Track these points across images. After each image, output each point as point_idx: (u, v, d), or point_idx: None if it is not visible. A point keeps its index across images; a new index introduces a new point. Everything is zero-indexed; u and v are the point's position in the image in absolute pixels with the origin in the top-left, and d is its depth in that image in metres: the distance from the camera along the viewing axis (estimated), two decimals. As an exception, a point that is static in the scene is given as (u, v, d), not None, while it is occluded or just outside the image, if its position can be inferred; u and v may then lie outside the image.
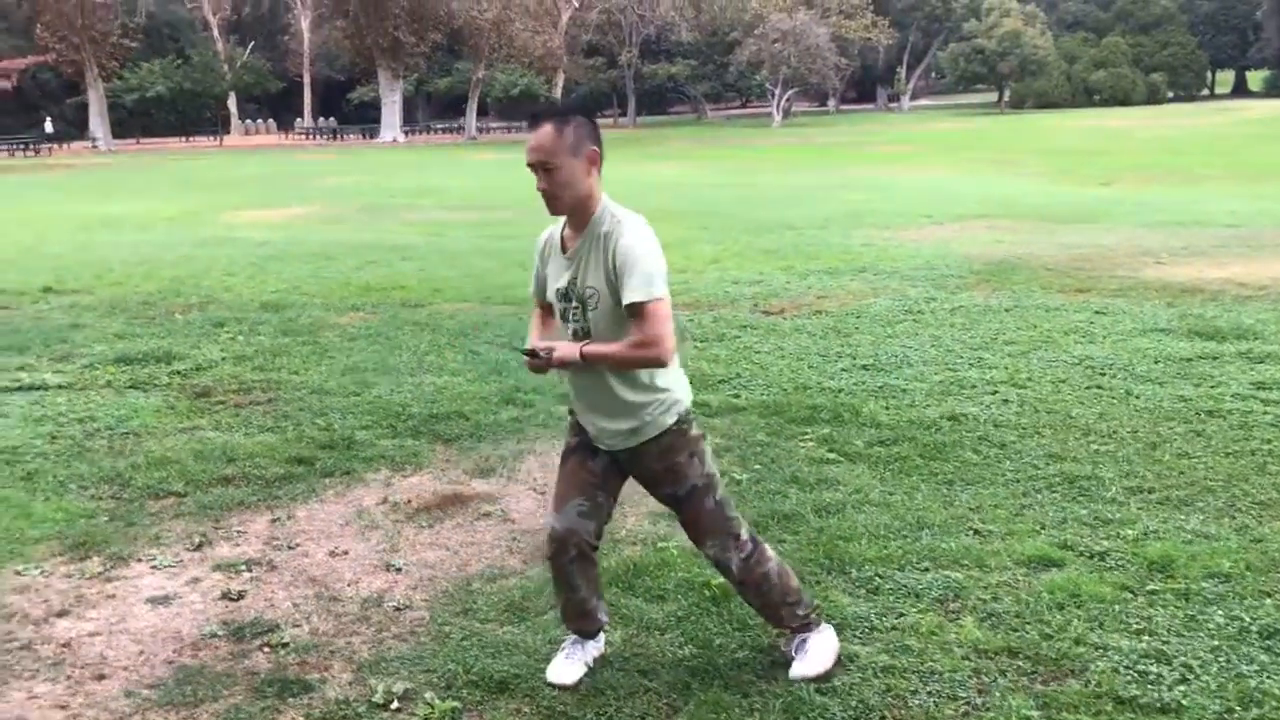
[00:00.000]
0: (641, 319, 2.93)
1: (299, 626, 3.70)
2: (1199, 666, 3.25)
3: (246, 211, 19.13)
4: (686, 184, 24.05)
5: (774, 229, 14.92)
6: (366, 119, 60.73)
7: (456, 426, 5.92)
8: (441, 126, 62.61)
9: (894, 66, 77.87)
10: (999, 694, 3.15)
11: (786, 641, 3.36)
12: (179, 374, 7.11)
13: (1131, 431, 5.58)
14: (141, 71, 54.00)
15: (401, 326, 8.59)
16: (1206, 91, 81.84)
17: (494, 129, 61.78)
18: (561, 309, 3.14)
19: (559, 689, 3.24)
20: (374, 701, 3.20)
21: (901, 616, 3.65)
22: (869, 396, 6.32)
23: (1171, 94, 73.87)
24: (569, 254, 3.09)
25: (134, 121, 54.92)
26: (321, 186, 25.06)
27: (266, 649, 3.55)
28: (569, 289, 3.08)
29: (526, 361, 3.11)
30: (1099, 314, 8.63)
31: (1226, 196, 20.10)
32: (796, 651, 3.30)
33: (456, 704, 3.17)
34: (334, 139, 56.04)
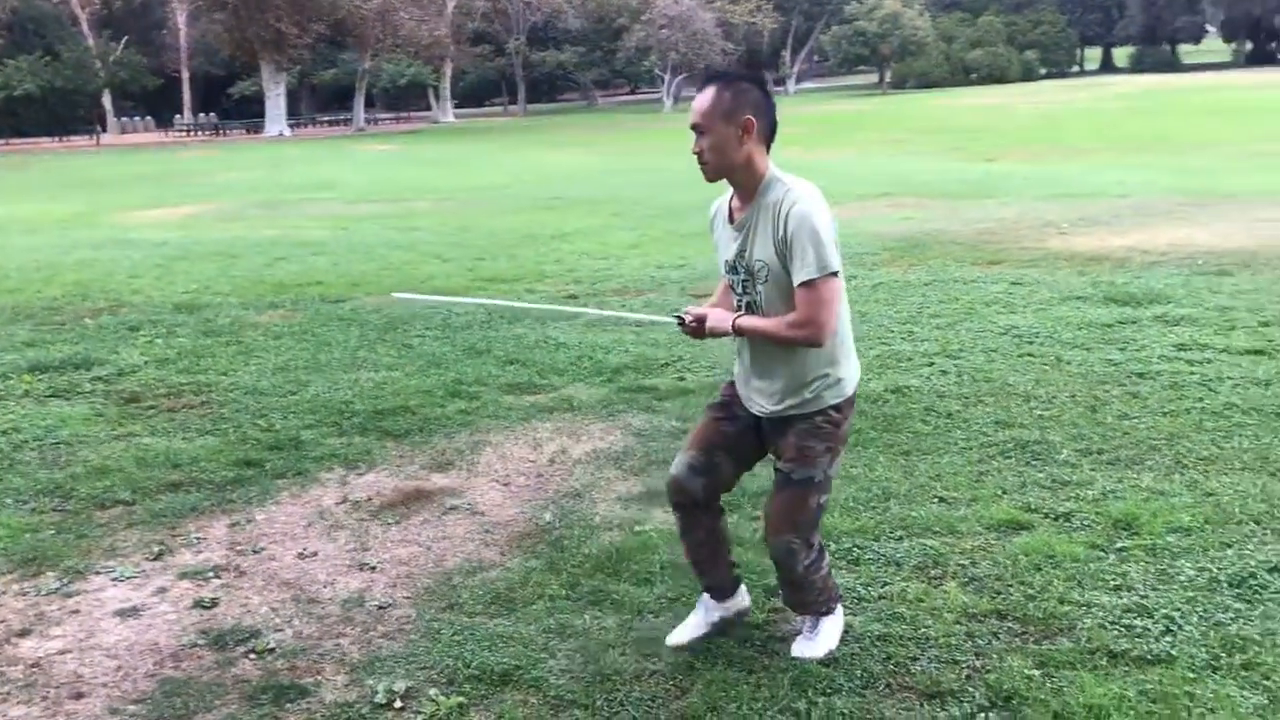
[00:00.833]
0: (805, 296, 2.87)
1: (281, 631, 3.61)
2: (1180, 618, 3.37)
3: (139, 211, 18.48)
4: (589, 171, 23.98)
5: (688, 213, 14.93)
6: (249, 114, 59.19)
7: (404, 421, 5.82)
8: (328, 119, 61.28)
9: (778, 50, 78.72)
10: (996, 655, 3.23)
11: (799, 618, 3.38)
12: (101, 380, 6.85)
13: (1070, 396, 5.75)
14: (7, 69, 51.69)
15: (327, 322, 8.41)
16: (1077, 68, 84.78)
17: (383, 120, 60.78)
18: (731, 281, 3.10)
19: (673, 649, 3.30)
20: (376, 702, 3.13)
21: (886, 585, 3.71)
22: (812, 373, 6.39)
23: (1044, 71, 76.26)
24: (736, 224, 3.04)
25: (1, 122, 52.59)
26: (213, 183, 24.35)
27: (252, 656, 3.45)
28: (737, 261, 3.04)
29: (680, 327, 3.08)
30: (1015, 284, 8.87)
31: (1109, 168, 20.81)
32: (808, 629, 3.31)
33: (461, 699, 3.13)
34: (217, 135, 54.42)
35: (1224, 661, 3.13)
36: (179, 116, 59.78)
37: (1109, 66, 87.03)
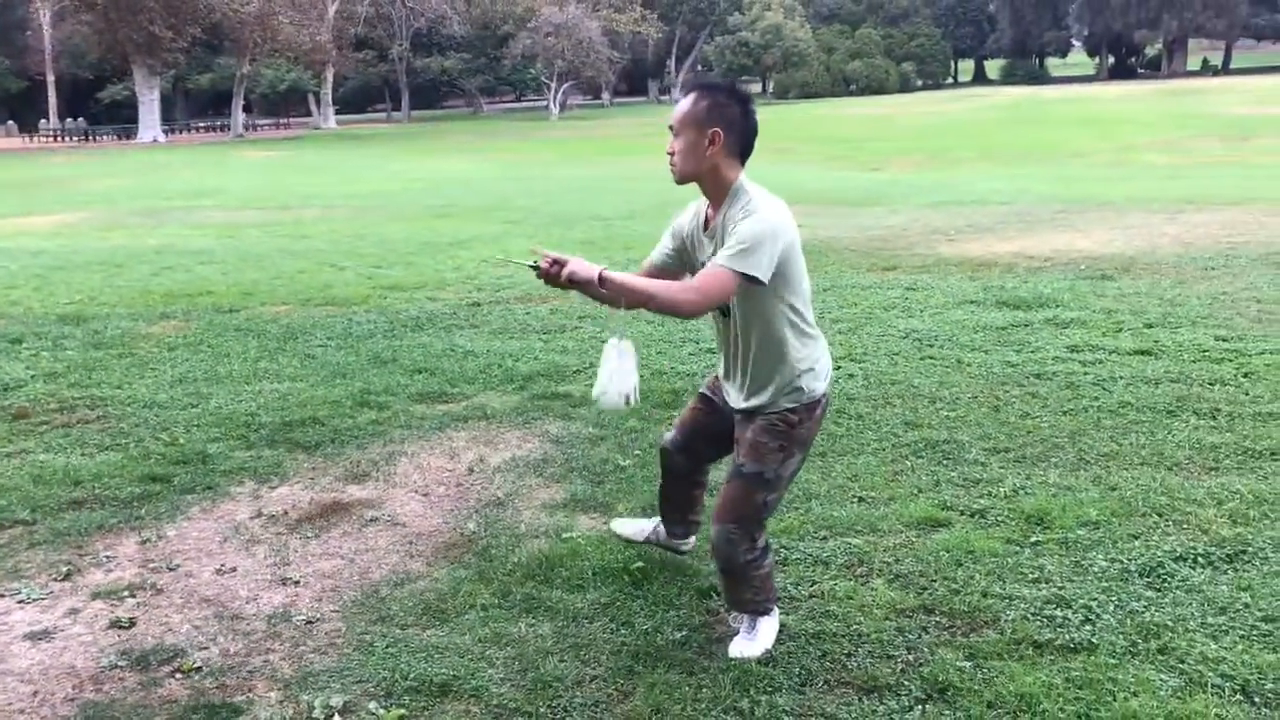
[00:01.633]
0: (707, 271, 2.96)
1: (206, 649, 3.50)
2: (1097, 607, 3.51)
3: (9, 220, 17.70)
4: (479, 178, 23.84)
5: (582, 221, 15.01)
6: (120, 118, 57.23)
7: (314, 433, 5.70)
8: (204, 125, 59.68)
9: (664, 60, 79.41)
10: (927, 649, 3.32)
11: (736, 618, 3.42)
12: (-14, 395, 6.55)
13: (973, 397, 5.93)
14: None
15: (222, 333, 8.19)
16: (951, 80, 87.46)
17: (262, 126, 59.35)
18: None
19: (620, 539, 3.93)
20: (313, 718, 3.07)
21: (815, 584, 3.78)
22: (722, 378, 6.47)
23: (921, 82, 78.50)
24: (709, 231, 3.13)
25: None
26: (87, 191, 23.48)
27: (178, 675, 3.34)
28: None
29: (537, 273, 3.06)
30: (910, 290, 9.11)
31: (988, 177, 21.55)
32: (746, 630, 3.36)
33: (402, 711, 3.08)
34: (86, 140, 52.46)
35: (1141, 647, 3.27)
36: (44, 121, 57.48)
37: (981, 78, 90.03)
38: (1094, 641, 3.30)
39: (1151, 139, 30.76)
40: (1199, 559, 3.84)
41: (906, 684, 3.14)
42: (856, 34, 77.31)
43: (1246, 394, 5.76)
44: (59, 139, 53.22)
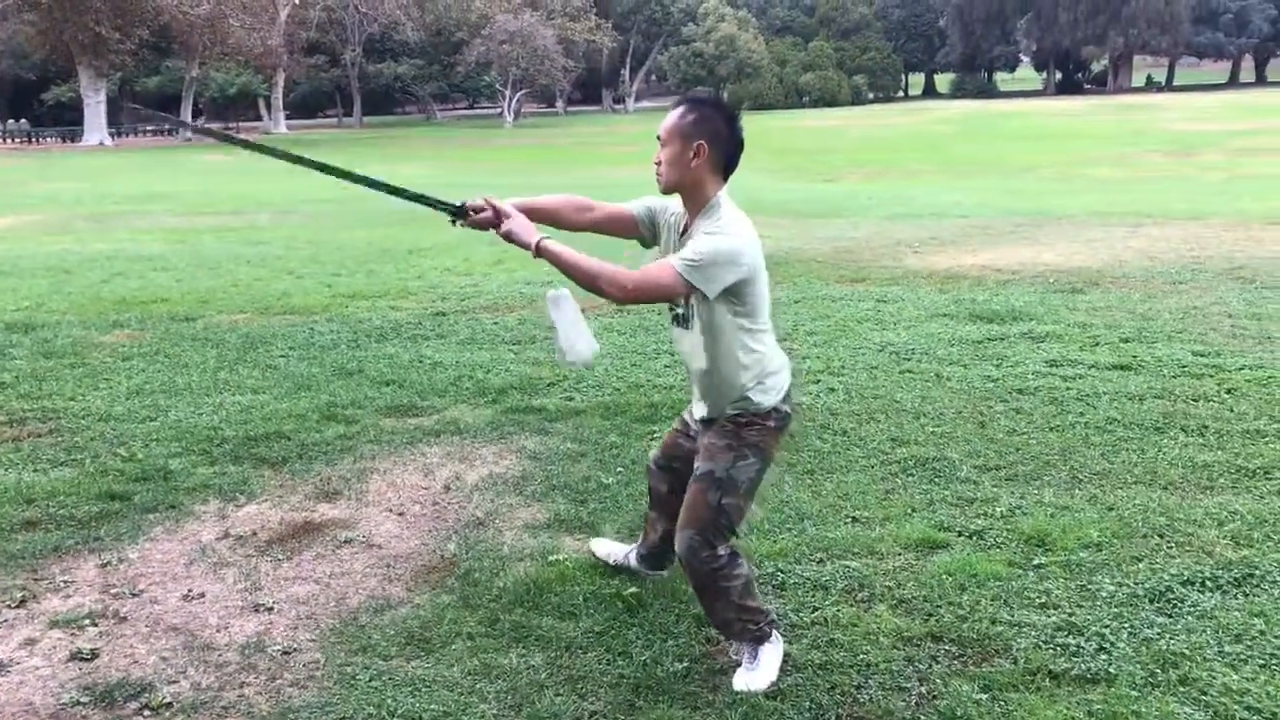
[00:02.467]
0: (657, 264, 2.97)
1: (176, 683, 3.28)
2: (1110, 634, 3.40)
3: (-51, 223, 17.19)
4: (434, 185, 23.41)
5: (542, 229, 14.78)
6: (64, 120, 56.15)
7: (280, 448, 5.47)
8: (152, 129, 58.62)
9: (618, 69, 79.39)
10: (940, 680, 3.18)
11: (737, 649, 3.27)
12: (-70, 407, 6.24)
13: (957, 412, 5.83)
14: None
15: (179, 342, 7.90)
16: (902, 93, 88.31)
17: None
18: None
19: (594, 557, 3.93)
20: (295, 759, 2.87)
21: (817, 610, 3.63)
22: (700, 392, 6.32)
23: (872, 95, 79.19)
24: (682, 240, 3.11)
25: None
26: (32, 194, 22.90)
27: (146, 712, 3.12)
28: None
29: (458, 219, 3.14)
30: (881, 302, 9.03)
31: (945, 190, 21.67)
32: (747, 660, 3.21)
33: (390, 751, 2.90)
34: (30, 142, 51.43)
35: (1161, 678, 3.16)
36: (-14, 122, 56.25)
37: (931, 92, 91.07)
38: (1111, 672, 3.19)
39: (1101, 153, 31.19)
40: (1207, 583, 3.74)
41: (922, 718, 3.00)
42: (809, 46, 77.89)
43: (1232, 410, 5.71)
44: (1, 140, 52.06)
